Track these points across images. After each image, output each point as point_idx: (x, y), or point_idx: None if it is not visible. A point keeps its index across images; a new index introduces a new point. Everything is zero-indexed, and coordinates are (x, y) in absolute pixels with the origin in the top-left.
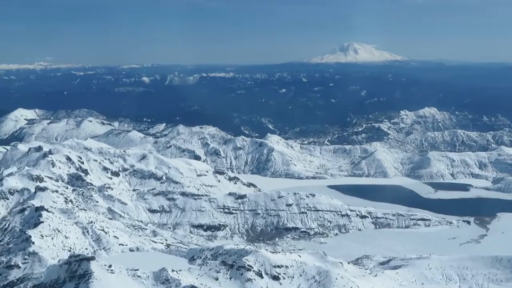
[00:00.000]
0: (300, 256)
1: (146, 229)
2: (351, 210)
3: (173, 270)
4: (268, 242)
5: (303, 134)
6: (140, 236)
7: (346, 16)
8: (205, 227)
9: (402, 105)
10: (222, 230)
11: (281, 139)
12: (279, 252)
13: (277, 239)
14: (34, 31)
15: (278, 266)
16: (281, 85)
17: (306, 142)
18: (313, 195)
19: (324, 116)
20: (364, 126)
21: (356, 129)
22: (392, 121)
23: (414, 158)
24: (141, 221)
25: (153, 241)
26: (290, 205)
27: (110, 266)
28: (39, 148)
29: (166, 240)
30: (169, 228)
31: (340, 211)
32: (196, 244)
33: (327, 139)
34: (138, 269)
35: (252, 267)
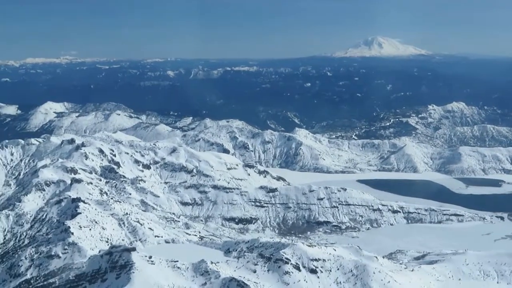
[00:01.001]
0: (335, 250)
1: (179, 221)
2: (382, 205)
3: (211, 262)
4: (300, 235)
5: (330, 128)
6: (174, 228)
7: (370, 10)
8: (236, 220)
9: (429, 100)
10: (253, 223)
11: (309, 133)
12: (315, 246)
13: (308, 232)
14: (59, 26)
15: (315, 260)
16: (305, 79)
17: (334, 136)
18: (345, 189)
19: (350, 110)
20: (391, 120)
21: (383, 124)
22: (420, 115)
23: (444, 153)
24: (174, 214)
25: (186, 233)
26: (322, 199)
27: (150, 257)
28: (72, 141)
29: (200, 232)
30: (201, 220)
31: (372, 206)
32: (228, 237)
33: (354, 134)
34: (177, 261)
35: (290, 260)
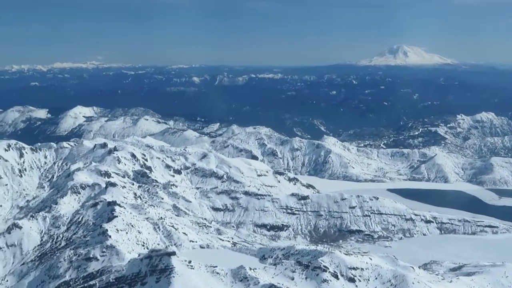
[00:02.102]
0: (371, 259)
1: (210, 227)
2: (415, 215)
3: (250, 268)
4: (332, 244)
5: (357, 137)
6: (208, 233)
7: (395, 18)
8: (268, 227)
9: (457, 109)
10: (285, 231)
11: (337, 141)
12: (352, 254)
13: (340, 241)
14: (86, 31)
15: (354, 268)
16: (331, 87)
17: (362, 144)
18: (377, 198)
19: (377, 119)
20: (420, 130)
21: (412, 133)
22: (448, 125)
23: (476, 164)
24: (205, 219)
25: (220, 239)
26: (354, 207)
27: (190, 261)
28: (104, 145)
29: (232, 238)
30: (233, 226)
31: (404, 215)
32: (260, 244)
33: (382, 142)
34: (216, 266)
35: (328, 268)
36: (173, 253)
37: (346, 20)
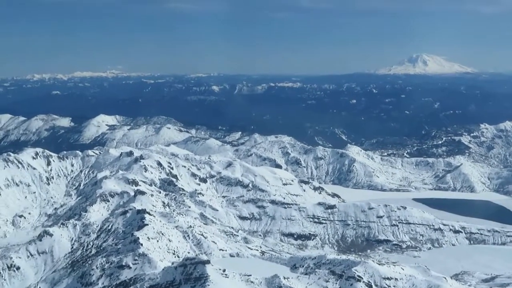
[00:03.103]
0: (403, 269)
1: (238, 235)
2: (444, 225)
3: (284, 277)
4: (360, 253)
5: (380, 146)
6: (236, 242)
7: (414, 27)
8: (295, 236)
9: (479, 118)
10: (312, 240)
11: (361, 150)
12: (384, 264)
13: (368, 251)
14: (105, 41)
15: (388, 278)
16: (351, 96)
17: (385, 153)
18: (405, 208)
19: (398, 128)
20: (443, 139)
21: (435, 142)
22: (471, 134)
23: (503, 173)
24: (232, 228)
25: (248, 248)
26: (381, 217)
27: (224, 270)
28: (130, 153)
29: (261, 247)
30: (260, 235)
31: (433, 225)
32: (287, 253)
33: (406, 151)
34: (250, 275)
35: (362, 278)
36: (208, 262)
37: (363, 29)
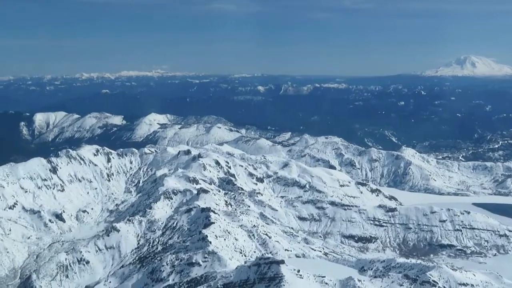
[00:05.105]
0: (474, 275)
1: (298, 236)
2: (509, 231)
3: (359, 280)
4: (423, 258)
5: (433, 149)
6: (299, 242)
7: (462, 29)
8: (356, 238)
9: None
10: (373, 243)
11: (416, 153)
12: (456, 270)
13: (431, 255)
14: (150, 41)
15: (463, 284)
16: (398, 98)
17: (440, 157)
18: (468, 212)
19: (450, 131)
20: (500, 143)
21: (492, 146)
22: None
23: None
24: (292, 228)
25: (312, 249)
26: (444, 221)
27: (298, 271)
28: (188, 152)
29: (323, 249)
30: (320, 236)
31: (498, 231)
32: (349, 255)
33: (461, 155)
34: (324, 276)
35: (438, 283)
36: (282, 261)
37: (409, 30)
